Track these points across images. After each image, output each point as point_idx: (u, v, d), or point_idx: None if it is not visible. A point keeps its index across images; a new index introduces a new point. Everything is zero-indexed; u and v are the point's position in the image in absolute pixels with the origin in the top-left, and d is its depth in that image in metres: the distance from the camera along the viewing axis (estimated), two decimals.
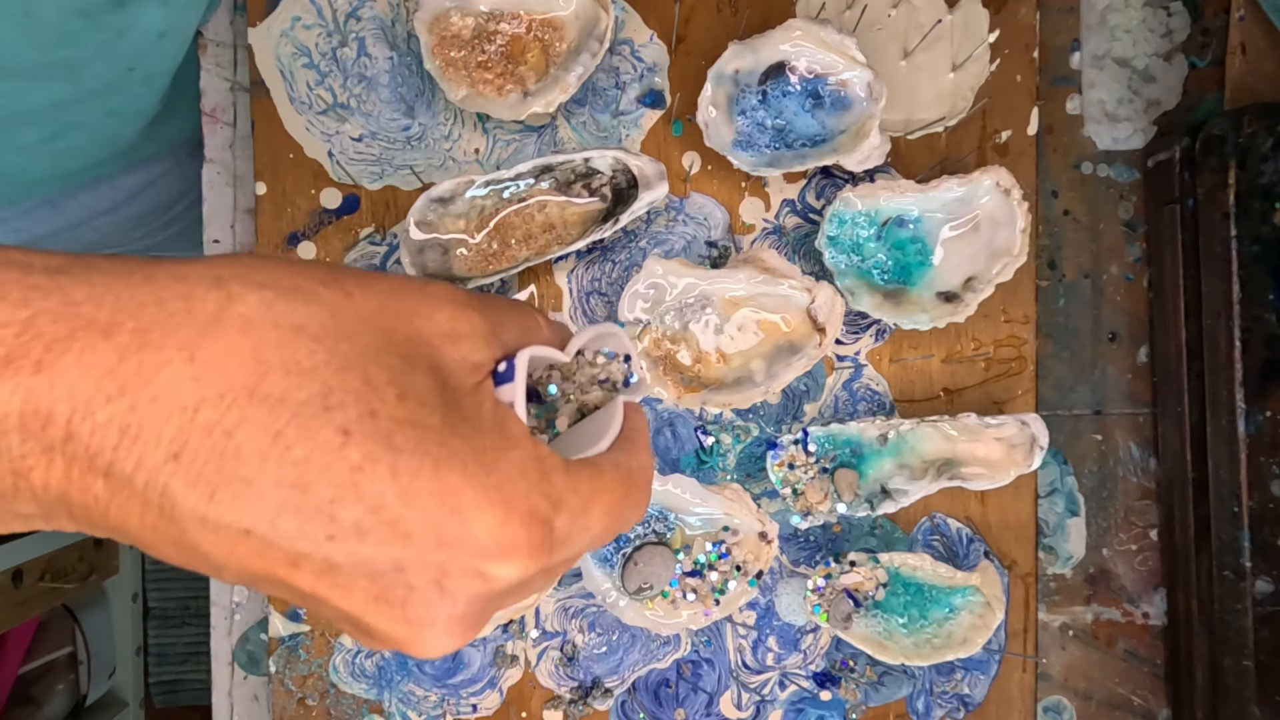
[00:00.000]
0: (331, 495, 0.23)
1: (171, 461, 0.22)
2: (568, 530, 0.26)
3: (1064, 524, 0.62)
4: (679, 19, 0.58)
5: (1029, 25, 0.58)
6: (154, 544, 0.24)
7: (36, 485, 0.23)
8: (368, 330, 0.24)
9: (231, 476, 0.22)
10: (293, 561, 0.23)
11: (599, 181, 0.56)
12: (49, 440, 0.22)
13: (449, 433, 0.24)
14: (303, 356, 0.23)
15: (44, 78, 0.52)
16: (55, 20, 0.48)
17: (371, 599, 0.24)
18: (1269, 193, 0.52)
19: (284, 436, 0.22)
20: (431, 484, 0.23)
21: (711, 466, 0.59)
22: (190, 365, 0.23)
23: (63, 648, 1.24)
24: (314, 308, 0.24)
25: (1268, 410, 0.52)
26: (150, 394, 0.22)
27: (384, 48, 0.58)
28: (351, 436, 0.23)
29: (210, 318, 0.23)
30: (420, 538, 0.23)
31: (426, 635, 0.25)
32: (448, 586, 0.24)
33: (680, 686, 0.59)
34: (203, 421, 0.22)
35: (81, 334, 0.22)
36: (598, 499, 0.27)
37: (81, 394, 0.22)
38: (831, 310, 0.55)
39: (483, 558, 0.24)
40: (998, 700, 0.59)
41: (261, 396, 0.23)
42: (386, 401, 0.23)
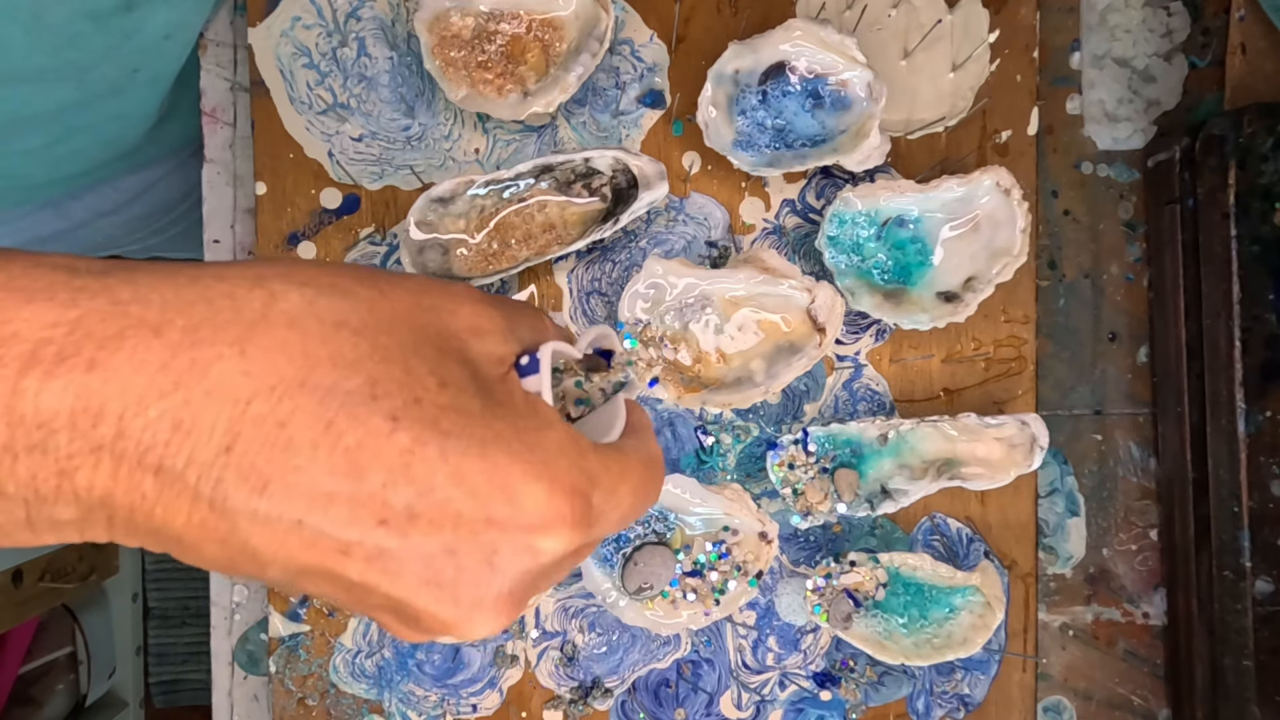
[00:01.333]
0: (383, 480, 0.23)
1: (224, 455, 0.23)
2: (602, 506, 0.27)
3: (1064, 524, 0.62)
4: (679, 19, 0.58)
5: (1029, 25, 0.58)
6: (198, 543, 0.24)
7: (80, 486, 0.23)
8: (403, 325, 0.25)
9: (285, 467, 0.23)
10: (343, 550, 0.23)
11: (599, 181, 0.56)
12: (98, 439, 0.22)
13: (490, 416, 0.25)
14: (347, 350, 0.24)
15: (51, 81, 0.52)
16: (63, 24, 0.48)
17: (422, 583, 0.24)
18: (1269, 193, 0.52)
19: (335, 425, 0.23)
20: (479, 464, 0.24)
21: (711, 466, 0.59)
22: (242, 360, 0.23)
23: (63, 648, 1.24)
24: (353, 304, 0.25)
25: (1268, 410, 0.52)
26: (204, 388, 0.23)
27: (384, 48, 0.58)
28: (400, 422, 0.23)
29: (257, 315, 0.24)
30: (471, 517, 0.24)
31: (475, 616, 0.25)
32: (497, 564, 0.25)
33: (680, 686, 0.59)
34: (255, 414, 0.23)
35: (132, 332, 0.23)
36: (626, 477, 0.28)
37: (134, 390, 0.22)
38: (831, 310, 0.55)
39: (531, 532, 0.25)
40: (998, 700, 0.59)
41: (311, 388, 0.23)
42: (429, 389, 0.24)
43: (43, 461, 0.22)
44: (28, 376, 0.22)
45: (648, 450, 0.30)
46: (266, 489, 0.23)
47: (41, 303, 0.23)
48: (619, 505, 0.27)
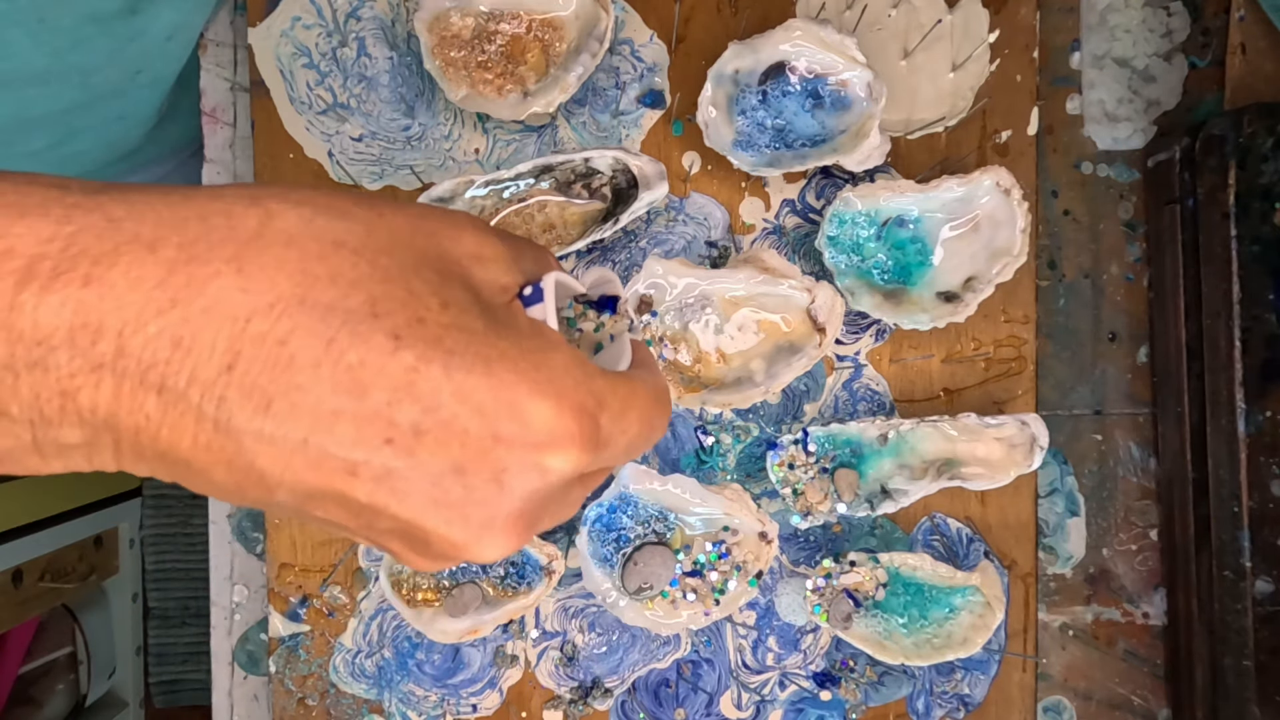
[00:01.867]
0: (387, 398, 0.23)
1: (226, 373, 0.22)
2: (609, 430, 0.26)
3: (1064, 524, 0.62)
4: (679, 19, 0.58)
5: (1029, 25, 0.58)
6: (206, 467, 0.23)
7: (84, 407, 0.22)
8: (403, 247, 0.25)
9: (287, 385, 0.22)
10: (350, 470, 0.23)
11: (599, 181, 0.56)
12: (98, 356, 0.22)
13: (495, 335, 0.25)
14: (346, 268, 0.24)
15: (55, 83, 0.52)
16: (67, 27, 0.48)
17: (430, 503, 0.24)
18: (1269, 193, 0.52)
19: (337, 343, 0.23)
20: (485, 380, 0.24)
21: (711, 466, 0.59)
22: (239, 276, 0.23)
23: (63, 648, 1.24)
24: (350, 224, 0.25)
25: (1268, 410, 0.52)
26: (201, 305, 0.22)
27: (384, 48, 0.58)
28: (403, 340, 0.23)
29: (253, 232, 0.23)
30: (477, 434, 0.24)
31: (485, 536, 0.25)
32: (506, 482, 0.24)
33: (680, 686, 0.59)
34: (255, 331, 0.22)
35: (127, 249, 0.22)
36: (633, 402, 0.27)
37: (132, 306, 0.22)
38: (831, 310, 0.55)
39: (538, 449, 0.24)
40: (998, 700, 0.59)
41: (311, 305, 0.23)
42: (431, 309, 0.24)
43: (44, 380, 0.22)
44: (24, 291, 0.22)
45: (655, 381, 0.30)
46: (270, 408, 0.23)
47: (35, 218, 0.22)
48: (626, 430, 0.27)
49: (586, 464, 0.26)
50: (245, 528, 0.63)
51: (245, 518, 0.63)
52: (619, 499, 0.56)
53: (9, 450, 0.23)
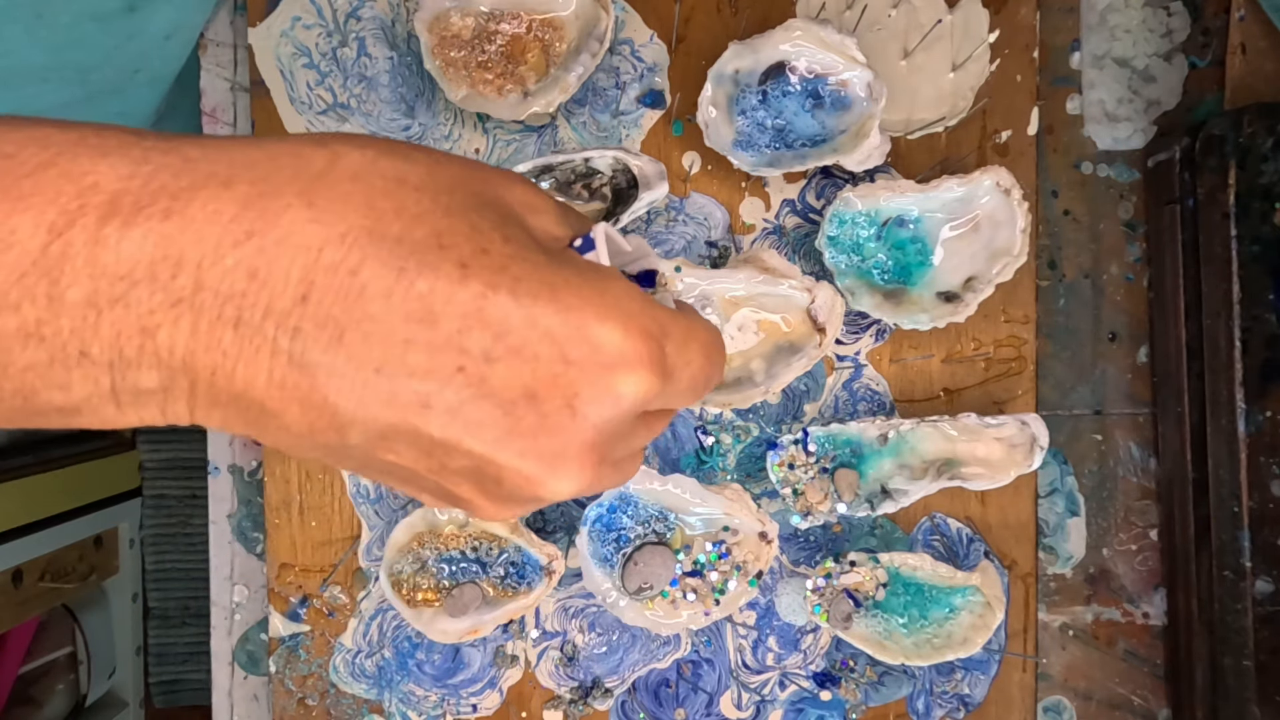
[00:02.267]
0: (458, 326, 0.23)
1: (300, 304, 0.23)
2: (674, 359, 0.26)
3: (1064, 524, 0.62)
4: (679, 19, 0.58)
5: (1029, 25, 0.58)
6: (280, 407, 0.24)
7: (162, 346, 0.23)
8: (462, 189, 0.26)
9: (360, 315, 0.23)
10: (423, 402, 0.24)
11: (599, 181, 0.56)
12: (178, 291, 0.22)
13: (557, 265, 0.25)
14: (410, 204, 0.24)
15: (54, 81, 0.52)
16: (66, 24, 0.48)
17: (504, 432, 0.24)
18: (1269, 193, 0.52)
19: (407, 272, 0.23)
20: (552, 306, 0.24)
21: (711, 466, 0.59)
22: (310, 209, 0.23)
23: (63, 648, 1.24)
24: (412, 165, 0.25)
25: (1268, 410, 0.52)
26: (275, 237, 0.23)
27: (384, 48, 0.58)
28: (470, 269, 0.24)
29: (320, 171, 0.24)
30: (547, 358, 0.24)
31: (559, 467, 0.25)
32: (578, 408, 0.25)
33: (680, 686, 0.59)
34: (327, 261, 0.23)
35: (203, 185, 0.23)
36: (695, 335, 0.27)
37: (210, 239, 0.23)
38: (831, 310, 0.55)
39: (609, 371, 0.25)
40: (998, 700, 0.59)
41: (380, 236, 0.23)
42: (494, 241, 0.24)
43: (125, 317, 0.22)
44: (108, 225, 0.22)
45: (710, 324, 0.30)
46: (343, 338, 0.23)
47: (116, 157, 0.23)
48: (690, 363, 0.27)
49: (654, 391, 0.26)
50: (245, 528, 0.63)
51: (245, 518, 0.63)
52: (619, 499, 0.56)
53: (86, 398, 0.24)
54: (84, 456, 1.25)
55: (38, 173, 0.22)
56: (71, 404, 0.24)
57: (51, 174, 0.23)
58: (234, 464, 0.62)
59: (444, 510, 0.56)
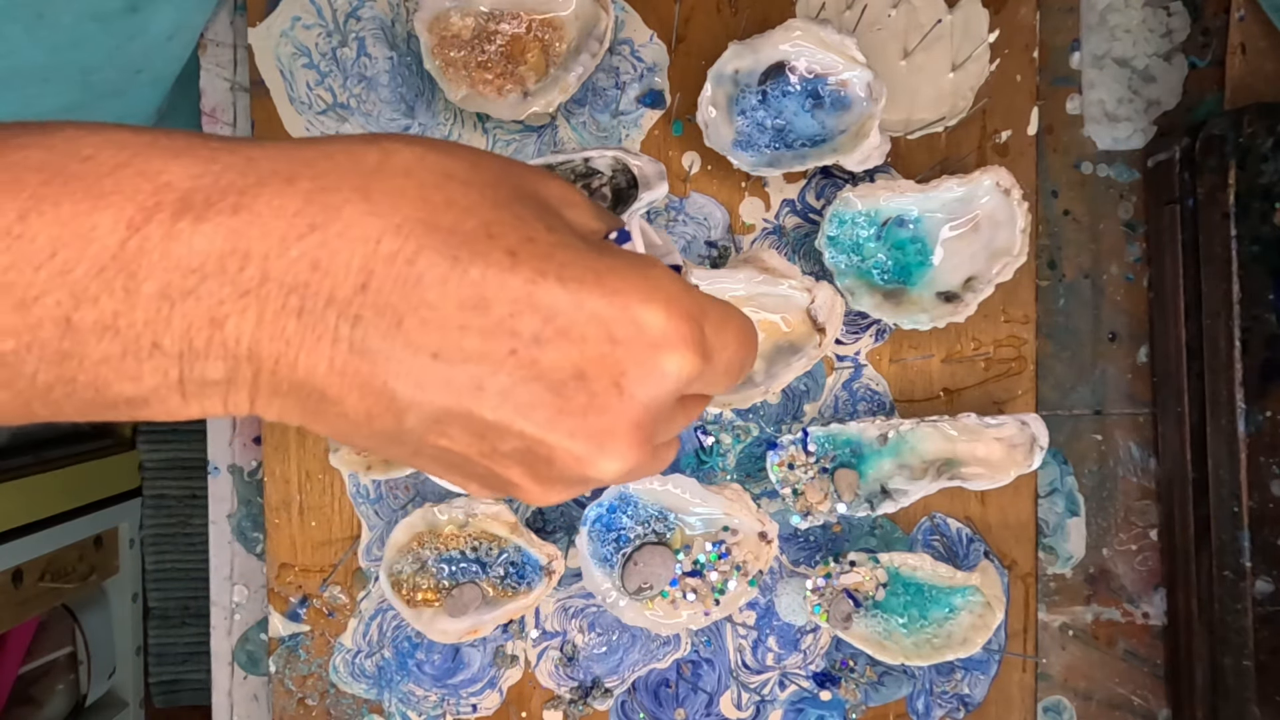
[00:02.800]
0: (509, 310, 0.24)
1: (360, 293, 0.24)
2: (713, 341, 0.27)
3: (1064, 524, 0.62)
4: (679, 19, 0.58)
5: (1029, 25, 0.58)
6: (340, 394, 0.25)
7: (230, 337, 0.24)
8: (504, 183, 0.27)
9: (417, 302, 0.24)
10: (478, 384, 0.25)
11: (599, 181, 0.56)
12: (246, 283, 0.23)
13: (600, 252, 0.26)
14: (459, 196, 0.25)
15: (55, 81, 0.52)
16: (68, 24, 0.48)
17: (555, 412, 0.25)
18: (1269, 193, 0.52)
19: (460, 260, 0.24)
20: (597, 289, 0.25)
21: (711, 466, 0.59)
22: (367, 202, 0.24)
23: (63, 648, 1.24)
24: (458, 161, 0.26)
25: (1268, 410, 0.52)
26: (336, 229, 0.24)
27: (384, 48, 0.58)
28: (519, 257, 0.25)
29: (374, 166, 0.25)
30: (595, 339, 0.25)
31: (608, 445, 0.26)
32: (625, 387, 0.26)
33: (680, 686, 0.59)
34: (385, 251, 0.24)
35: (269, 181, 0.24)
36: (731, 318, 0.29)
37: (275, 233, 0.24)
38: (831, 310, 0.55)
39: (654, 350, 0.26)
40: (998, 700, 0.59)
41: (433, 226, 0.24)
42: (539, 231, 0.26)
43: (196, 309, 0.23)
44: (181, 220, 0.23)
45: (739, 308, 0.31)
46: (402, 324, 0.24)
47: (187, 158, 0.24)
48: (727, 345, 0.28)
49: (696, 371, 0.27)
50: (245, 528, 0.63)
51: (245, 518, 0.63)
52: (619, 499, 0.56)
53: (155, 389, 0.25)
54: (84, 456, 1.25)
55: (116, 172, 0.24)
56: (141, 395, 0.25)
57: (128, 173, 0.24)
58: (234, 464, 0.62)
59: (445, 511, 0.56)
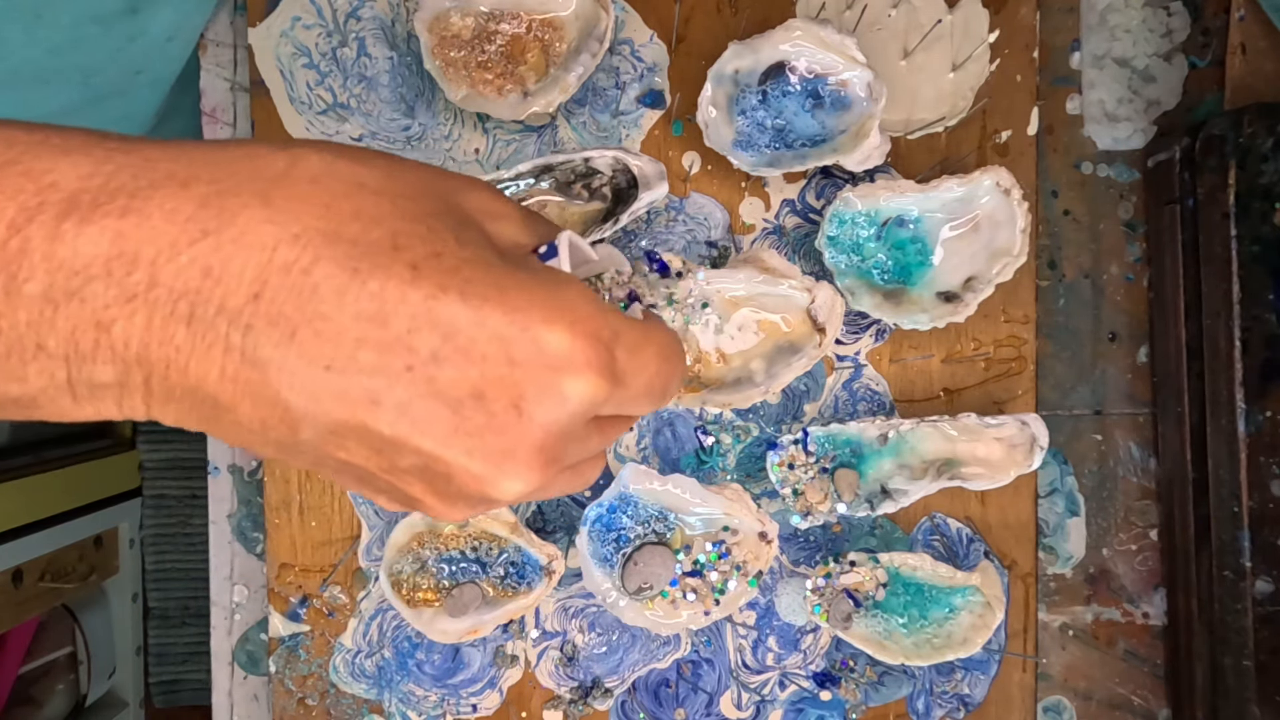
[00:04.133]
0: (408, 325, 0.24)
1: (253, 302, 0.23)
2: (626, 364, 0.27)
3: (1064, 524, 0.62)
4: (679, 19, 0.58)
5: (1029, 25, 0.58)
6: (232, 401, 0.24)
7: (117, 340, 0.23)
8: (421, 193, 0.26)
9: (311, 314, 0.23)
10: (373, 399, 0.24)
11: (599, 181, 0.56)
12: (132, 287, 0.23)
13: (511, 267, 0.26)
14: (367, 207, 0.25)
15: (55, 82, 0.52)
16: (67, 26, 0.48)
17: (451, 430, 0.25)
18: (1269, 193, 0.52)
19: (360, 273, 0.24)
20: (500, 308, 0.24)
21: (711, 466, 0.59)
22: (266, 209, 0.24)
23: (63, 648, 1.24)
24: (372, 170, 0.26)
25: (1268, 410, 0.52)
26: (231, 235, 0.23)
27: (384, 48, 0.58)
28: (421, 271, 0.24)
29: (280, 172, 0.25)
30: (494, 358, 0.24)
31: (507, 467, 0.25)
32: (524, 409, 0.25)
33: (680, 686, 0.59)
34: (281, 260, 0.23)
35: (163, 184, 0.24)
36: (651, 339, 0.28)
37: (165, 236, 0.23)
38: (831, 310, 0.55)
39: (555, 372, 0.25)
40: (998, 700, 0.59)
41: (335, 237, 0.24)
42: (449, 245, 0.25)
43: (81, 311, 0.23)
44: (66, 221, 0.23)
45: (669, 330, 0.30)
46: (295, 336, 0.23)
47: (78, 156, 0.24)
48: (644, 368, 0.27)
49: (602, 395, 0.26)
50: (245, 528, 0.63)
51: (245, 518, 0.63)
52: (619, 499, 0.56)
53: (43, 390, 0.24)
54: (84, 456, 1.25)
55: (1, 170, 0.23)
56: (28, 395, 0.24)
57: (13, 172, 0.23)
58: (234, 464, 0.62)
59: None
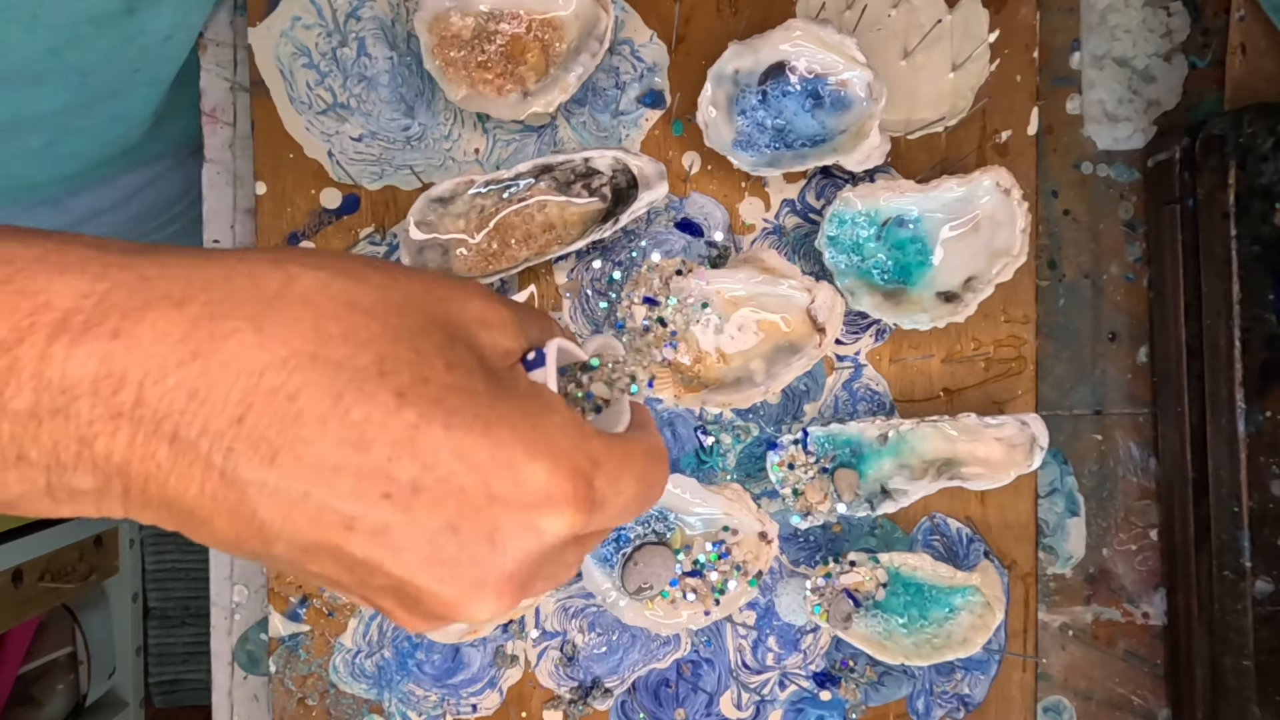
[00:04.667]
0: (389, 454, 0.24)
1: (236, 425, 0.23)
2: (604, 491, 0.27)
3: (1064, 524, 0.62)
4: (679, 19, 0.58)
5: (1029, 25, 0.58)
6: (209, 517, 0.24)
7: (99, 454, 0.24)
8: (413, 310, 0.26)
9: (293, 438, 0.23)
10: (347, 524, 0.24)
11: (599, 181, 0.56)
12: (118, 405, 0.23)
13: (494, 397, 0.26)
14: (358, 328, 0.25)
15: (52, 83, 0.52)
16: (65, 25, 0.48)
17: (424, 559, 0.25)
18: (1269, 193, 0.52)
19: (344, 399, 0.24)
20: (482, 440, 0.25)
21: (711, 466, 0.59)
22: (257, 334, 0.24)
23: (63, 648, 1.24)
24: (366, 287, 0.26)
25: (1268, 410, 0.52)
26: (220, 360, 0.23)
27: (384, 48, 0.58)
28: (406, 398, 0.24)
29: (274, 293, 0.25)
30: (473, 492, 0.24)
31: (477, 595, 0.26)
32: (499, 542, 0.25)
33: (680, 686, 0.59)
34: (267, 385, 0.23)
35: (156, 304, 0.24)
36: (630, 464, 0.28)
37: (155, 359, 0.23)
38: (831, 310, 0.55)
39: (533, 509, 0.25)
40: (998, 700, 0.59)
41: (322, 362, 0.24)
42: (436, 369, 0.25)
43: (65, 427, 0.23)
44: (56, 343, 0.23)
45: (652, 442, 0.30)
46: (275, 459, 0.23)
47: (73, 275, 0.24)
48: (622, 492, 0.28)
49: (581, 525, 0.26)
50: None
51: None
52: None
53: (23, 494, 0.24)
54: None
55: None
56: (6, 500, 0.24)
57: (8, 290, 0.23)
58: None
59: None
